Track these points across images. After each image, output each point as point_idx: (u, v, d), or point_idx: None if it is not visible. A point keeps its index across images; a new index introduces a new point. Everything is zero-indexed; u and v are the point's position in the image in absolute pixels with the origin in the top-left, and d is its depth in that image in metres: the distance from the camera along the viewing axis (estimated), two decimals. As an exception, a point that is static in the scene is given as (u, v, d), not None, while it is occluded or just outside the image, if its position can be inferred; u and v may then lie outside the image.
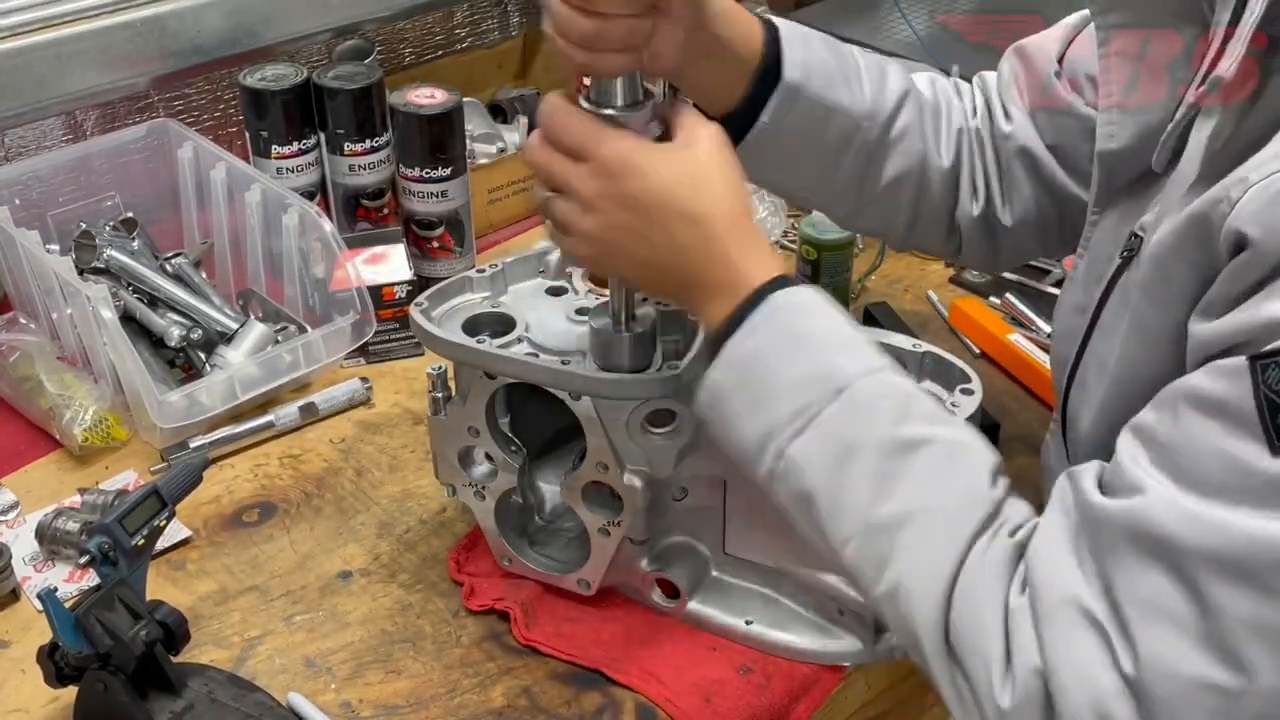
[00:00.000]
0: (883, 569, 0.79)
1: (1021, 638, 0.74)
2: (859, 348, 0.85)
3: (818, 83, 1.02)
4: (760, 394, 0.84)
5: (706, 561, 1.08)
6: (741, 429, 0.85)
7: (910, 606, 0.78)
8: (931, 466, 0.80)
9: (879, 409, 0.82)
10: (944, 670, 0.78)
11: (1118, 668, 0.71)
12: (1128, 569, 0.71)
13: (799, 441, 0.82)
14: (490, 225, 1.61)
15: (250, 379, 1.28)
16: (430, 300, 1.05)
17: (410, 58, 1.74)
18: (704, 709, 0.99)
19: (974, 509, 0.79)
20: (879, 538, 0.80)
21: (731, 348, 0.85)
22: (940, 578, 0.77)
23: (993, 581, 0.76)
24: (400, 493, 1.22)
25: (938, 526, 0.79)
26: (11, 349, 1.31)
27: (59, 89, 1.43)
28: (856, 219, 1.14)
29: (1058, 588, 0.74)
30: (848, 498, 0.81)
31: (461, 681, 1.02)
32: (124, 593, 0.94)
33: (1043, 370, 1.32)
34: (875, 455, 0.80)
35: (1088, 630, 0.72)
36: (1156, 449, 0.73)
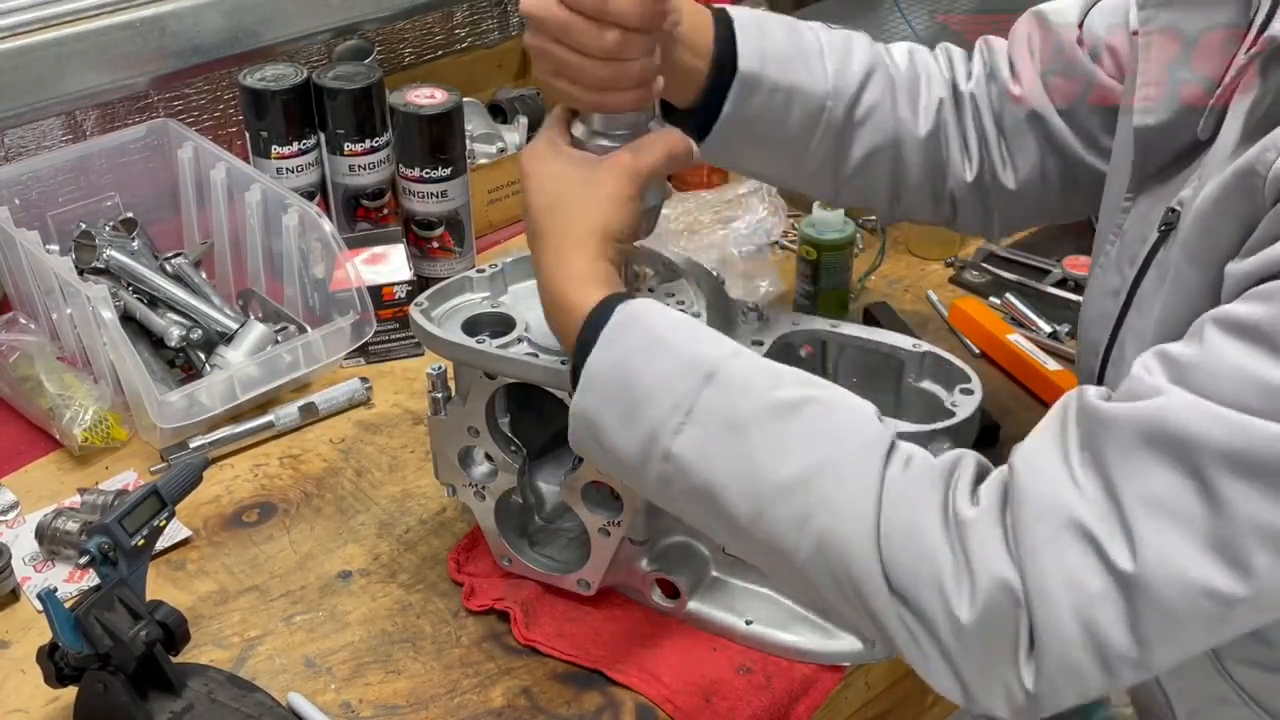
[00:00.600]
0: (803, 529, 0.78)
1: (980, 550, 0.73)
2: (713, 336, 0.86)
3: (775, 68, 1.03)
4: (631, 402, 0.83)
5: (706, 561, 1.08)
6: (620, 443, 0.84)
7: (841, 553, 0.76)
8: (819, 419, 0.80)
9: (752, 382, 0.82)
10: (890, 610, 0.75)
11: (1110, 569, 0.70)
12: (1136, 467, 0.70)
13: (682, 437, 0.81)
14: (490, 225, 1.61)
15: (250, 379, 1.28)
16: (430, 300, 1.05)
17: (410, 58, 1.74)
18: (704, 709, 0.99)
19: (872, 446, 0.78)
20: (789, 500, 0.78)
21: (591, 366, 0.85)
22: (865, 515, 0.76)
23: (925, 502, 0.75)
24: (400, 493, 1.22)
25: (845, 470, 0.78)
26: (11, 349, 1.31)
27: (59, 89, 1.43)
28: (838, 197, 1.14)
29: (1043, 498, 0.72)
30: (747, 474, 0.80)
31: (461, 681, 1.02)
32: (124, 593, 0.94)
33: (1043, 370, 1.32)
34: (761, 424, 0.80)
35: (1074, 537, 0.71)
36: (1174, 366, 0.72)
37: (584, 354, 0.85)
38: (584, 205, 0.89)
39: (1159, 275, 0.85)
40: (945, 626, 0.73)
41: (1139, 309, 0.89)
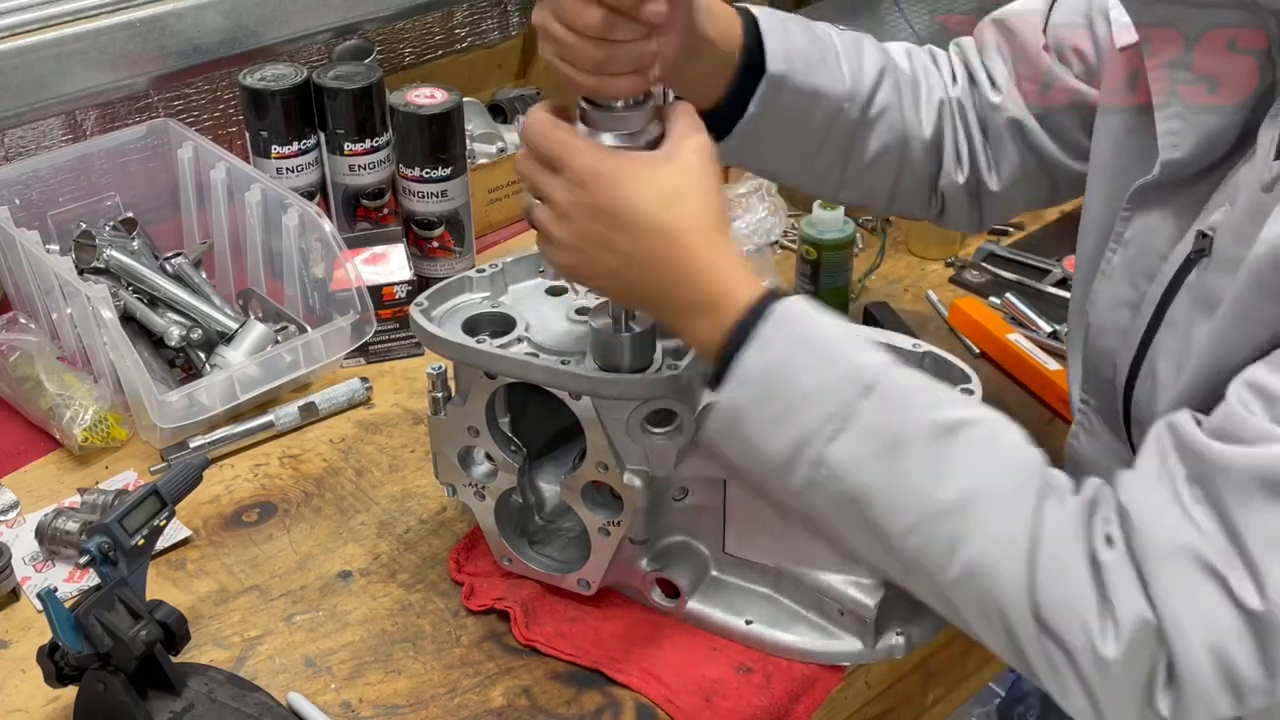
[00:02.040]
0: (953, 553, 0.79)
1: (1120, 590, 0.74)
2: (871, 346, 0.85)
3: (800, 70, 1.04)
4: (785, 405, 0.82)
5: (706, 561, 1.08)
6: (768, 443, 0.84)
7: (992, 583, 0.77)
8: (979, 445, 0.81)
9: (912, 399, 0.82)
10: (1034, 641, 0.77)
11: (1239, 606, 0.71)
12: (1255, 510, 0.72)
13: (837, 445, 0.81)
14: (490, 225, 1.61)
15: (250, 379, 1.28)
16: (430, 300, 1.05)
17: (410, 58, 1.74)
18: (704, 709, 0.99)
19: (1031, 477, 0.79)
20: (943, 523, 0.79)
21: (744, 364, 0.83)
22: (1018, 547, 0.77)
23: (1073, 541, 0.76)
24: (400, 493, 1.22)
25: (1003, 500, 0.78)
26: (11, 349, 1.31)
27: (59, 89, 1.43)
28: (840, 194, 1.15)
29: (1165, 537, 0.74)
30: (902, 490, 0.80)
31: (461, 681, 1.02)
32: (124, 593, 0.94)
33: (1043, 370, 1.32)
34: (922, 443, 0.80)
35: (1202, 574, 0.72)
36: (1277, 405, 0.73)
37: (735, 348, 0.84)
38: (706, 192, 0.87)
39: (1195, 300, 0.86)
40: (1089, 661, 0.75)
41: (1171, 328, 0.88)
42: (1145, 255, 0.93)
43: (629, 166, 0.86)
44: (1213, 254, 0.84)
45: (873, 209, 1.18)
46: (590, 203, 0.86)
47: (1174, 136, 0.88)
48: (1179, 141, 0.88)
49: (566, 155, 0.86)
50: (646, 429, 0.98)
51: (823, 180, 1.13)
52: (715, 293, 0.85)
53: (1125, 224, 0.95)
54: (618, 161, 0.86)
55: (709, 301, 0.86)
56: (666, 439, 0.98)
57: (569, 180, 0.86)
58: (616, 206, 0.85)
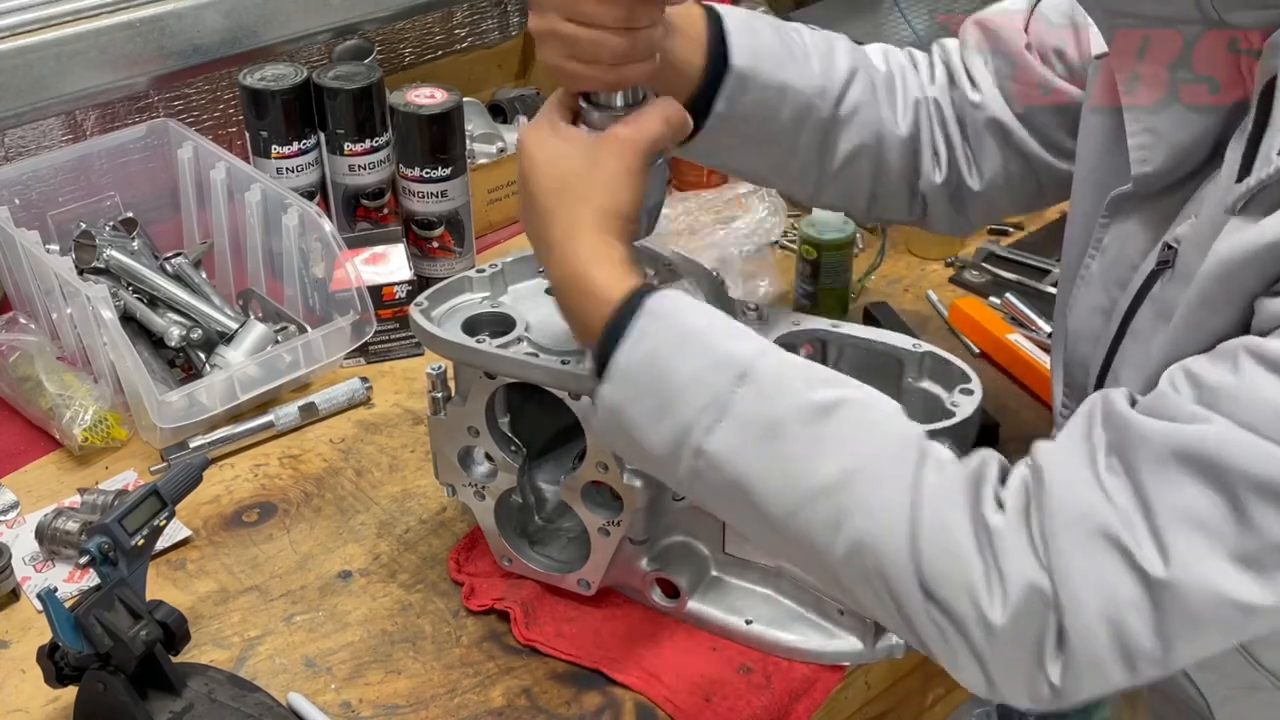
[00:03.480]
0: (837, 529, 0.79)
1: (1011, 554, 0.74)
2: (743, 332, 0.86)
3: (767, 65, 1.03)
4: (662, 398, 0.83)
5: (706, 561, 1.08)
6: (649, 437, 0.84)
7: (876, 555, 0.78)
8: (854, 421, 0.81)
9: (786, 382, 0.82)
10: (921, 611, 0.77)
11: (1141, 575, 0.72)
12: (1169, 481, 0.72)
13: (715, 434, 0.82)
14: (490, 225, 1.61)
15: (250, 379, 1.28)
16: (430, 300, 1.05)
17: (410, 58, 1.74)
18: (704, 709, 0.99)
19: (907, 448, 0.80)
20: (825, 501, 0.79)
21: (621, 358, 0.84)
22: (900, 519, 0.77)
23: (956, 508, 0.77)
24: (400, 493, 1.22)
25: (881, 473, 0.79)
26: (11, 349, 1.31)
27: (59, 89, 1.43)
28: (818, 196, 1.15)
29: (1071, 503, 0.74)
30: (782, 474, 0.80)
31: (461, 681, 1.02)
32: (124, 593, 0.94)
33: (1043, 370, 1.32)
34: (797, 425, 0.80)
35: (1104, 544, 0.73)
36: (1207, 391, 0.73)
37: (612, 344, 0.84)
38: (592, 184, 0.88)
39: (1157, 312, 0.86)
40: (977, 628, 0.75)
41: (1135, 339, 0.89)
42: (1119, 264, 0.93)
43: (542, 142, 0.90)
44: (1175, 266, 0.84)
45: (853, 212, 1.18)
46: (519, 171, 0.91)
47: (1144, 150, 0.88)
48: (1149, 156, 0.88)
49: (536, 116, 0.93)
50: (646, 429, 0.98)
51: (799, 181, 1.12)
52: (589, 287, 0.87)
53: (1104, 231, 0.95)
54: (536, 135, 0.90)
55: (584, 289, 0.87)
56: (666, 439, 0.98)
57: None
58: (526, 179, 0.90)
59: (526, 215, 0.92)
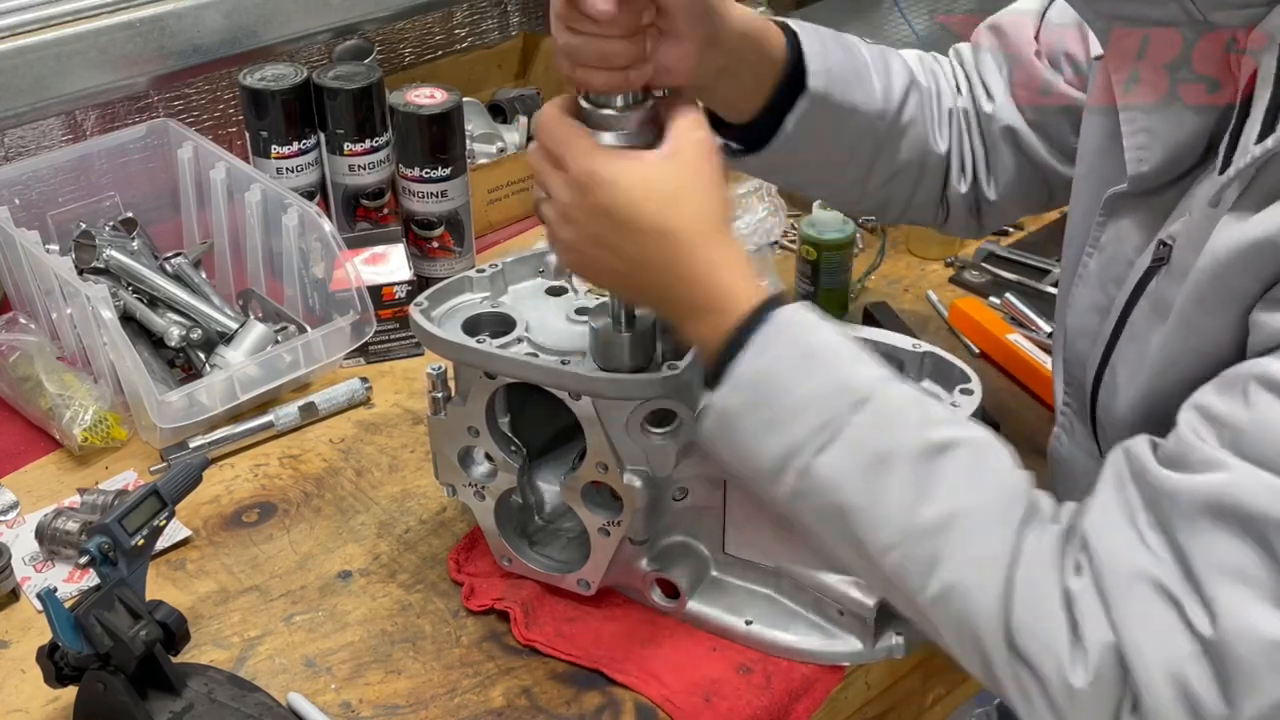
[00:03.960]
0: (931, 572, 0.79)
1: (1088, 617, 0.75)
2: (867, 359, 0.85)
3: (839, 88, 1.03)
4: (777, 412, 0.83)
5: (706, 561, 1.08)
6: (758, 449, 0.84)
7: (967, 606, 0.78)
8: (965, 466, 0.81)
9: (903, 416, 0.82)
10: (1007, 667, 0.77)
11: (1193, 632, 0.72)
12: (1203, 538, 0.72)
13: (825, 456, 0.82)
14: (490, 225, 1.61)
15: (250, 379, 1.28)
16: (430, 300, 1.05)
17: (410, 58, 1.74)
18: (704, 709, 0.99)
19: (1014, 503, 0.80)
20: (924, 542, 0.79)
21: (740, 368, 0.84)
22: (996, 573, 0.77)
23: (1049, 570, 0.77)
24: (400, 493, 1.22)
25: (984, 524, 0.79)
26: (11, 349, 1.31)
27: (59, 89, 1.43)
28: (858, 205, 1.16)
29: (1123, 563, 0.75)
30: (885, 507, 0.81)
31: (461, 681, 1.02)
32: (124, 593, 0.94)
33: (1043, 370, 1.32)
34: (908, 462, 0.80)
35: (1160, 600, 0.73)
36: (1225, 430, 0.73)
37: (734, 350, 0.84)
38: (705, 193, 0.86)
39: (1153, 308, 0.86)
40: (1059, 690, 0.75)
41: (1131, 337, 0.89)
42: (1116, 261, 0.93)
43: (628, 167, 0.85)
44: (1170, 263, 0.85)
45: (884, 219, 1.19)
46: (591, 204, 0.86)
47: (1141, 150, 0.88)
48: (1145, 155, 0.88)
49: (568, 154, 0.86)
50: (646, 429, 0.98)
51: (845, 193, 1.13)
52: (715, 296, 0.85)
53: (1101, 229, 0.95)
54: (617, 163, 0.86)
55: (709, 304, 0.86)
56: (666, 439, 0.98)
57: (570, 179, 0.86)
58: (616, 209, 0.85)
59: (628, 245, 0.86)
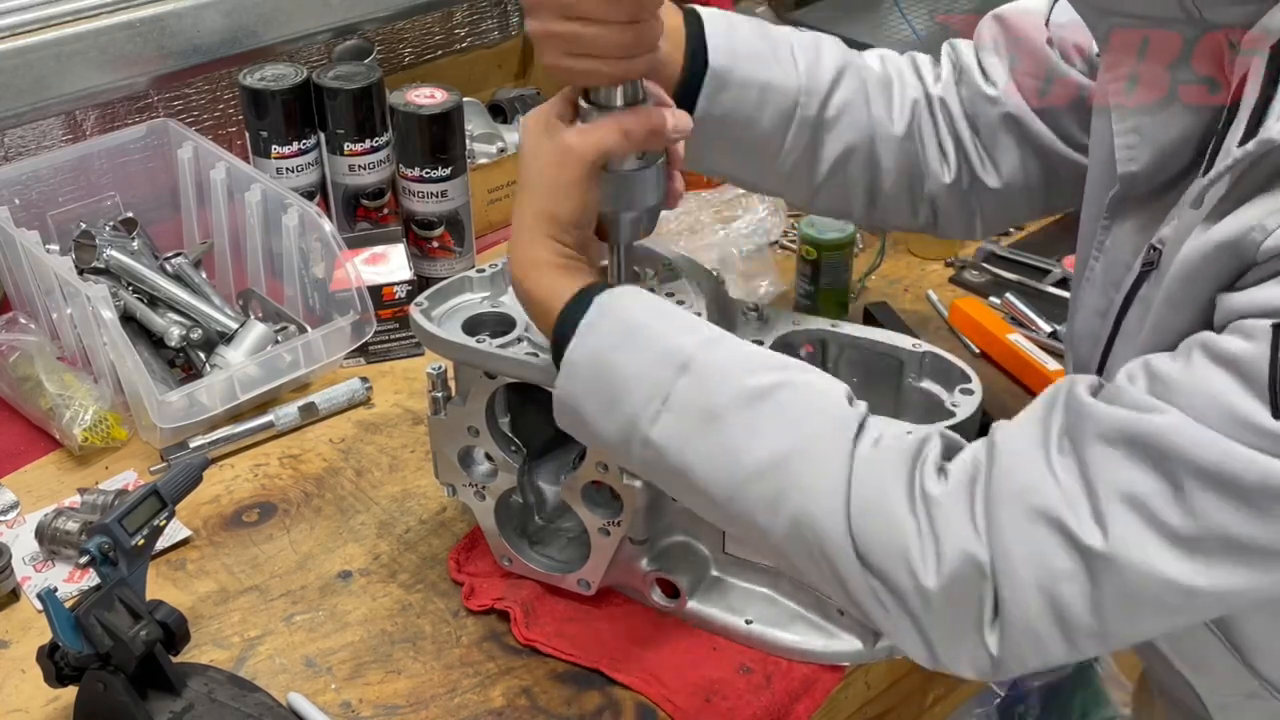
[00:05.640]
0: (777, 509, 0.81)
1: (949, 523, 0.76)
2: (691, 324, 0.88)
3: (746, 64, 1.03)
4: (609, 392, 0.86)
5: (706, 561, 1.08)
6: (602, 429, 0.87)
7: (814, 531, 0.80)
8: (790, 402, 0.83)
9: (726, 370, 0.84)
10: (862, 582, 0.79)
11: (1078, 548, 0.73)
12: (1114, 462, 0.74)
13: (659, 425, 0.84)
14: (490, 225, 1.61)
15: (250, 379, 1.28)
16: (430, 300, 1.05)
17: (410, 58, 1.74)
18: (704, 709, 0.99)
19: (842, 426, 0.81)
20: (763, 482, 0.81)
21: (571, 356, 0.87)
22: (835, 492, 0.79)
23: (892, 478, 0.79)
24: (400, 493, 1.22)
25: (815, 451, 0.81)
26: (11, 349, 1.31)
27: (59, 89, 1.43)
28: (814, 201, 1.13)
29: (1017, 479, 0.76)
30: (720, 458, 0.83)
31: (461, 681, 1.02)
32: (124, 593, 0.94)
33: (1043, 370, 1.32)
34: (734, 411, 0.82)
35: (1043, 520, 0.74)
36: (1158, 382, 0.75)
37: (563, 343, 0.87)
38: (537, 186, 0.90)
39: (1142, 311, 0.87)
40: (914, 596, 0.77)
41: (1125, 340, 0.90)
42: (1116, 265, 0.94)
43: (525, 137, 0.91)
44: (1159, 267, 0.85)
45: (853, 217, 1.16)
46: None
47: (1130, 150, 0.89)
48: (1134, 155, 0.89)
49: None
50: (646, 429, 0.98)
51: (792, 184, 1.10)
52: (537, 286, 0.90)
53: (1105, 232, 0.96)
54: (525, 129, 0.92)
55: (531, 293, 0.90)
56: (666, 439, 0.98)
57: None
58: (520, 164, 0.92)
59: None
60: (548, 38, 0.87)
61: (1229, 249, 0.75)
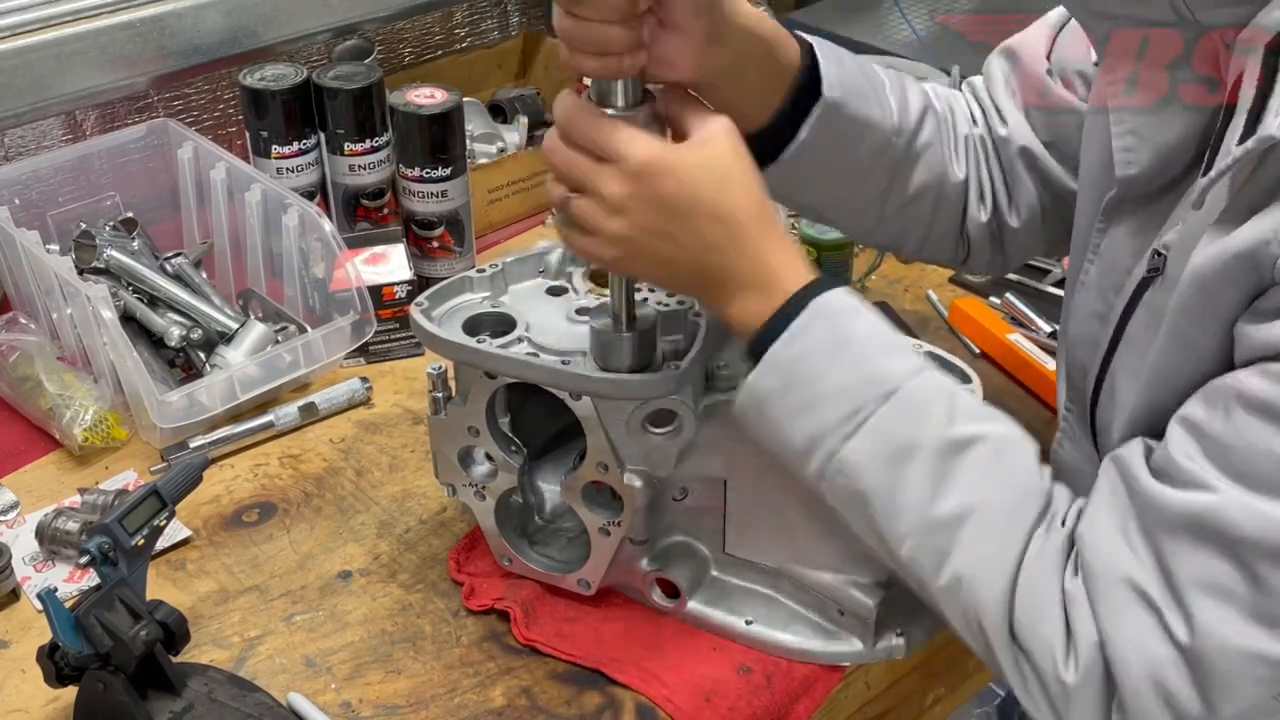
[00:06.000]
0: (943, 564, 0.83)
1: (1080, 618, 0.79)
2: (902, 349, 0.88)
3: (854, 100, 1.02)
4: (808, 398, 0.85)
5: (706, 561, 1.08)
6: (788, 431, 0.87)
7: (974, 598, 0.82)
8: (985, 463, 0.84)
9: (929, 410, 0.85)
10: (1009, 656, 0.82)
11: (1172, 639, 0.76)
12: (1184, 551, 0.76)
13: (851, 444, 0.84)
14: (490, 225, 1.61)
15: (250, 379, 1.28)
16: (430, 300, 1.05)
17: (410, 58, 1.74)
18: (704, 709, 0.99)
19: (1029, 502, 0.83)
20: (938, 535, 0.83)
21: (776, 352, 0.86)
22: (1003, 570, 0.81)
23: (1051, 570, 0.81)
24: (400, 493, 1.22)
25: (997, 521, 0.82)
26: (11, 349, 1.31)
27: (59, 89, 1.43)
28: (873, 234, 1.14)
29: (1110, 568, 0.79)
30: (904, 497, 0.84)
31: (461, 681, 1.02)
32: (124, 593, 0.94)
33: (1043, 370, 1.32)
34: (930, 455, 0.83)
35: (1140, 605, 0.77)
36: (1209, 444, 0.76)
37: (772, 335, 0.86)
38: (750, 175, 0.88)
39: (1150, 317, 0.87)
40: (1055, 684, 0.80)
41: (1130, 345, 0.90)
42: (1114, 269, 0.94)
43: (682, 154, 0.86)
44: (1165, 274, 0.85)
45: (903, 252, 1.17)
46: (651, 193, 0.84)
47: (1129, 152, 0.89)
48: (1133, 158, 0.89)
49: (622, 144, 0.84)
50: (646, 429, 0.98)
51: (859, 217, 1.11)
52: (764, 275, 0.87)
53: (1101, 236, 0.96)
54: (673, 150, 0.86)
55: (758, 283, 0.87)
56: (666, 439, 0.98)
57: (625, 171, 0.84)
58: (681, 196, 0.85)
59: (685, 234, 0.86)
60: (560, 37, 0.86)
61: (1246, 260, 0.75)
